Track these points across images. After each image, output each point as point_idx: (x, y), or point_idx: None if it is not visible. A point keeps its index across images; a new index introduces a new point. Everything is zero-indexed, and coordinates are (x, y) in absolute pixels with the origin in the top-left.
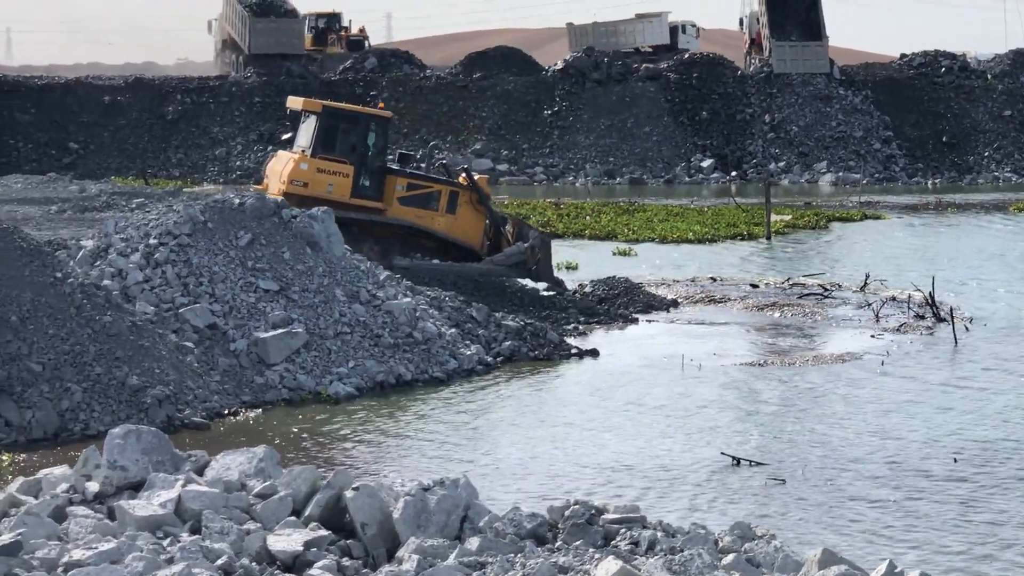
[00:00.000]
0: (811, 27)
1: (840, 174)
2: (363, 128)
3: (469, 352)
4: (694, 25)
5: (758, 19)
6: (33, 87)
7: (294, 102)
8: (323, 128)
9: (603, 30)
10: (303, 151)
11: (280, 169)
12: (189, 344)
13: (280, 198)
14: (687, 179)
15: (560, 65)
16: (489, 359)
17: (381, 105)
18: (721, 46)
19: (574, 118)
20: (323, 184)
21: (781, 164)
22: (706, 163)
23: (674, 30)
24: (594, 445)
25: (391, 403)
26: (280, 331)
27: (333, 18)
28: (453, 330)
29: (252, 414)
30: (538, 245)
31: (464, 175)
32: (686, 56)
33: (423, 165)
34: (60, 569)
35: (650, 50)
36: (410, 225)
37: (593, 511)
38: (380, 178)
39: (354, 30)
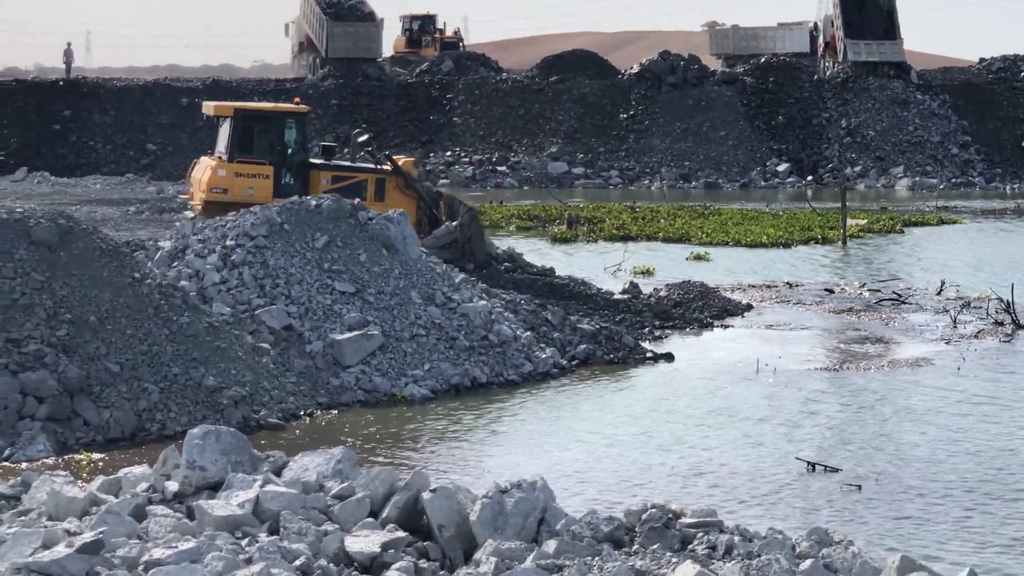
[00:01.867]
0: (886, 26)
1: (917, 179)
2: (279, 126)
3: (544, 355)
4: None
5: (832, 22)
6: (112, 89)
7: (208, 107)
8: (237, 131)
9: (743, 34)
10: (220, 157)
11: (200, 177)
12: (265, 345)
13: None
14: (763, 183)
15: (636, 69)
16: (564, 362)
17: (297, 101)
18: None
19: (650, 122)
20: (243, 188)
21: (857, 168)
22: (782, 167)
23: (814, 38)
24: (668, 449)
25: (466, 405)
26: (356, 333)
27: (428, 20)
28: (528, 333)
29: (327, 416)
30: (467, 221)
31: (386, 160)
32: (762, 60)
33: (371, 155)
34: (140, 567)
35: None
36: None
37: (670, 515)
38: (304, 174)
39: (449, 32)
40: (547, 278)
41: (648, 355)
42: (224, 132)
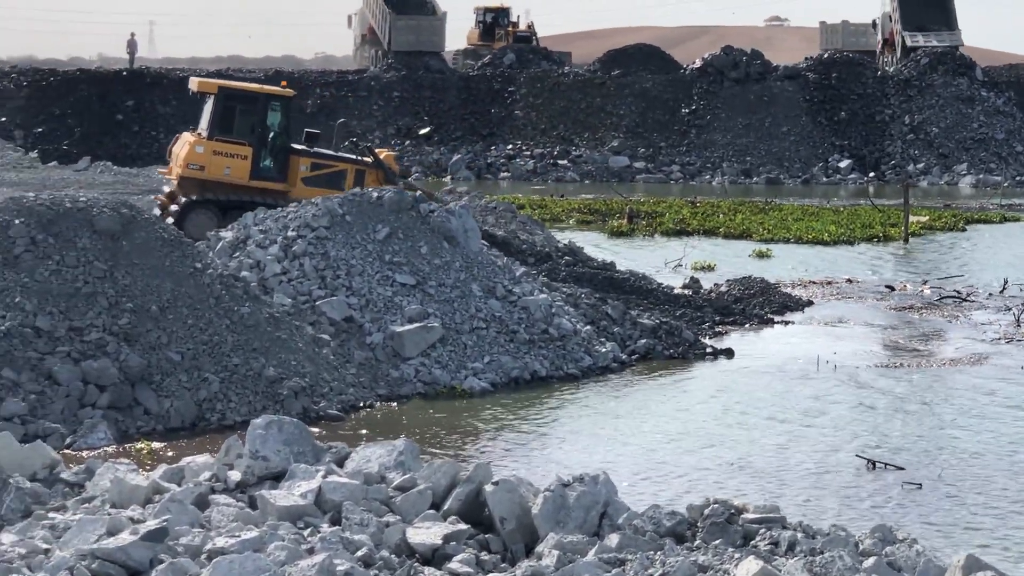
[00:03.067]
0: (943, 17)
1: (980, 176)
2: (262, 108)
3: (604, 349)
4: None
5: (890, 17)
6: (174, 80)
7: (193, 83)
8: (219, 109)
9: (852, 30)
10: (199, 133)
11: (179, 152)
12: (325, 337)
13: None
14: (824, 179)
15: (698, 64)
16: (624, 357)
17: (284, 84)
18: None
19: (712, 117)
20: (220, 167)
21: (920, 165)
22: (844, 163)
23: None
24: (728, 444)
25: (526, 399)
26: (416, 325)
27: (501, 13)
28: (588, 327)
29: (387, 408)
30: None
31: (367, 152)
32: (825, 56)
33: (354, 145)
34: (204, 556)
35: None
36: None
37: (732, 510)
38: (283, 159)
39: (522, 25)
40: (608, 272)
41: (708, 351)
42: (207, 110)
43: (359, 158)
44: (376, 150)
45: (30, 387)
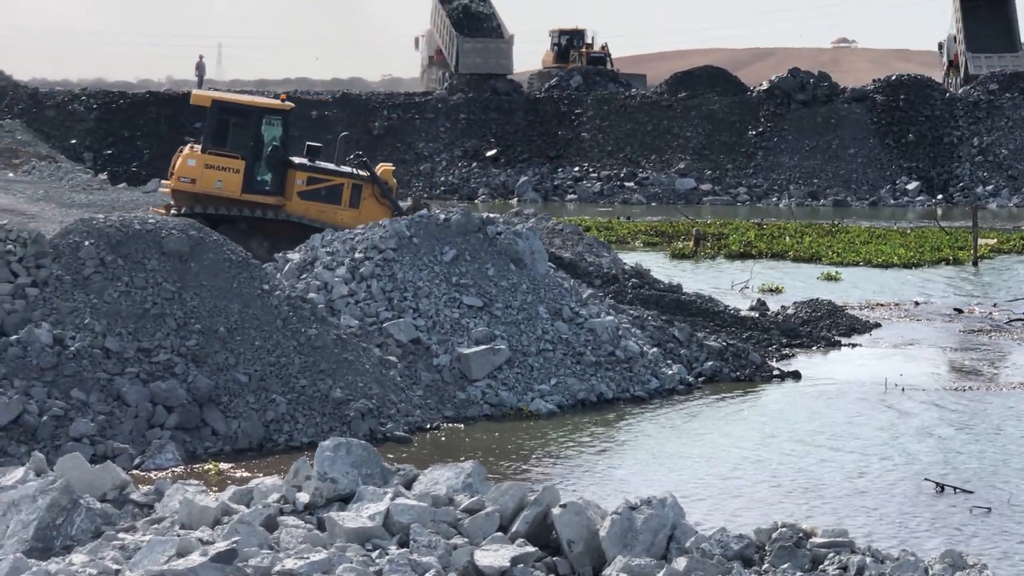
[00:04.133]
0: (1007, 39)
1: None
2: (256, 122)
3: (671, 371)
4: None
5: (955, 39)
6: None
7: (193, 97)
8: (213, 123)
9: None
10: (191, 146)
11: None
12: (392, 358)
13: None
14: (892, 201)
15: (765, 86)
16: (691, 379)
17: (283, 97)
18: (929, 67)
19: (778, 139)
20: (212, 180)
21: (989, 188)
22: (911, 186)
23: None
24: (795, 467)
25: (592, 421)
26: (483, 347)
27: (576, 35)
28: (655, 349)
29: (453, 429)
30: None
31: (363, 167)
32: (892, 78)
33: (354, 158)
34: None
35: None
36: (299, 221)
37: (801, 534)
38: (280, 172)
39: (597, 47)
40: (674, 294)
41: (775, 373)
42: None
43: (355, 172)
44: (380, 166)
45: (99, 408)
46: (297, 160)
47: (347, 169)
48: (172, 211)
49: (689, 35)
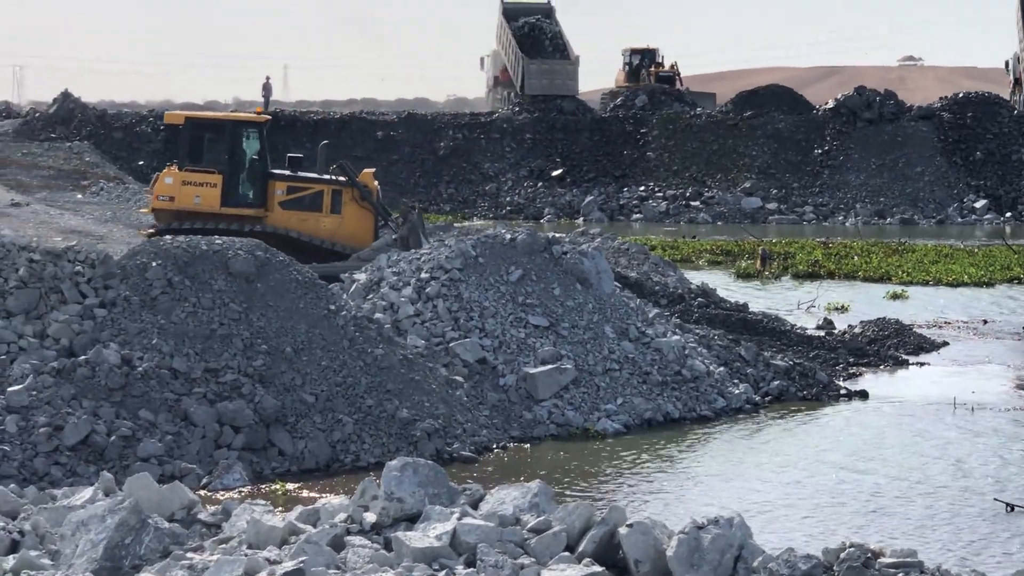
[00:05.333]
0: None
1: None
2: (230, 136)
3: (737, 391)
4: None
5: (1019, 58)
6: (309, 122)
7: (167, 117)
8: (187, 140)
9: None
10: (168, 165)
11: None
12: (459, 378)
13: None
14: (959, 220)
15: (831, 104)
16: (757, 398)
17: (259, 110)
18: (996, 85)
19: (844, 157)
20: (190, 196)
21: None
22: (979, 204)
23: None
24: (862, 488)
25: (658, 440)
26: (549, 367)
27: (648, 54)
28: (721, 368)
29: (520, 449)
30: (405, 235)
31: (342, 172)
32: (959, 95)
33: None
34: None
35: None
36: (283, 233)
37: (869, 554)
38: (260, 184)
39: (667, 66)
40: (741, 313)
41: (842, 392)
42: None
43: (334, 178)
44: (363, 171)
45: (166, 428)
46: (278, 171)
47: (326, 176)
48: (153, 231)
49: (754, 54)
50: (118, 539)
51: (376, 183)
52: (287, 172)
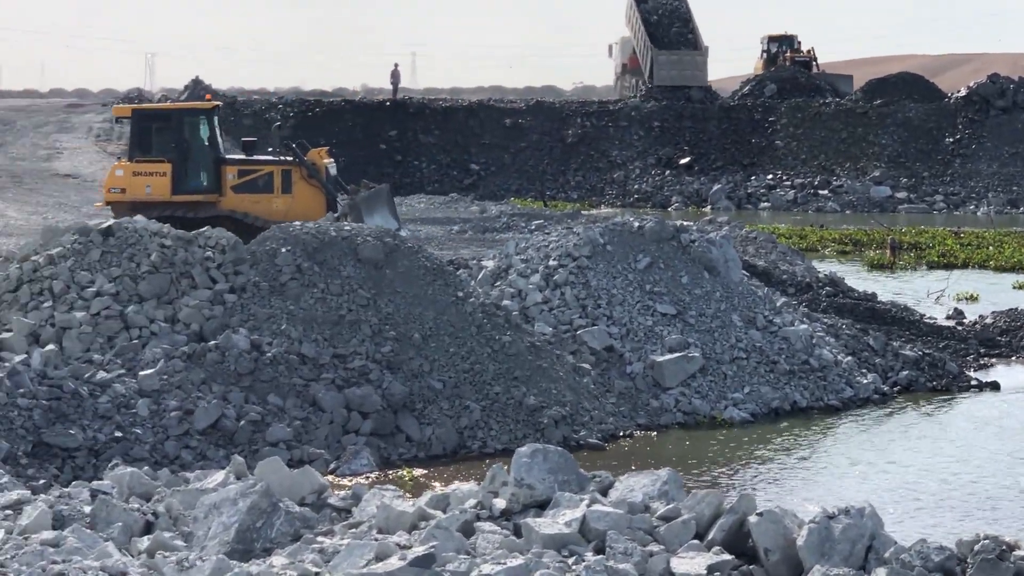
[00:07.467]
0: None
1: None
2: (178, 124)
3: (866, 381)
4: None
5: None
6: (437, 109)
7: (114, 111)
8: (136, 131)
9: None
10: (119, 158)
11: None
12: (586, 366)
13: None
14: None
15: (963, 92)
16: (886, 388)
17: (208, 97)
18: None
19: (976, 146)
20: (141, 187)
21: None
22: None
23: None
24: (996, 479)
25: (786, 429)
26: (677, 355)
27: (785, 40)
28: (849, 358)
29: (646, 437)
30: (347, 211)
31: (289, 151)
32: None
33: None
34: None
35: None
36: (237, 216)
37: (1003, 547)
38: (212, 170)
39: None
40: (869, 303)
41: (973, 383)
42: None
43: (282, 158)
44: (316, 150)
45: (295, 413)
46: (230, 156)
47: (273, 158)
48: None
49: (887, 42)
50: (250, 522)
51: (329, 160)
52: (239, 156)
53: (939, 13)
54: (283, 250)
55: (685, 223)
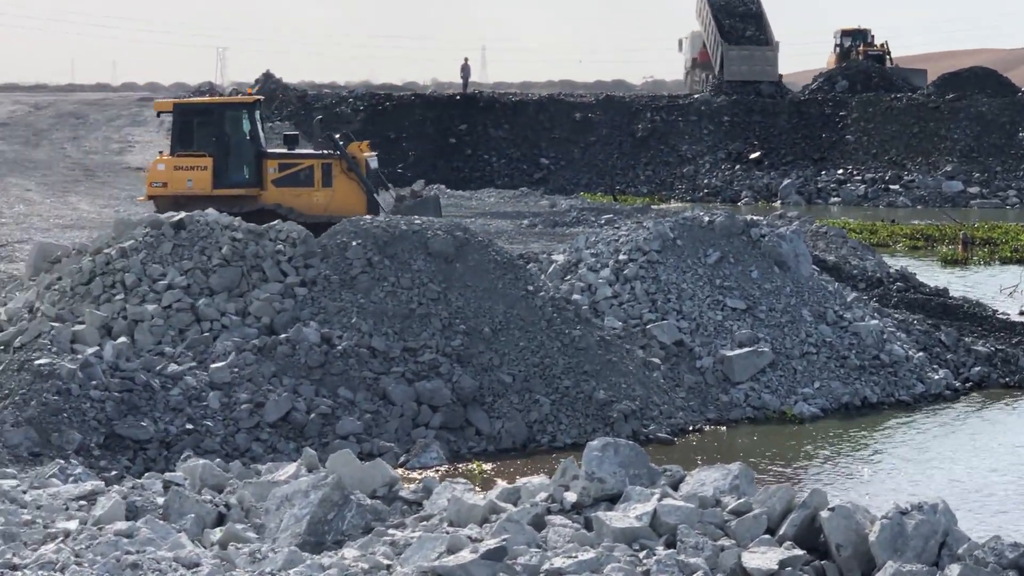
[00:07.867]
0: None
1: None
2: (219, 118)
3: (937, 376)
4: None
5: None
6: (507, 104)
7: (155, 105)
8: (178, 125)
9: None
10: (161, 152)
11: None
12: (656, 360)
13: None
14: None
15: None
16: (957, 384)
17: (249, 91)
18: None
19: None
20: (182, 180)
21: None
22: None
23: None
24: None
25: (856, 425)
26: (746, 350)
27: (858, 34)
28: (921, 354)
29: (716, 431)
30: (390, 211)
31: (331, 144)
32: None
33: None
34: (542, 575)
35: None
36: (274, 209)
37: None
38: (254, 164)
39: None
40: (941, 298)
41: None
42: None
43: (323, 152)
44: (357, 143)
45: (365, 406)
46: (271, 151)
47: (314, 151)
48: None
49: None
50: (321, 514)
51: (370, 153)
52: (280, 151)
53: (1012, 7)
54: (354, 243)
55: (755, 217)
